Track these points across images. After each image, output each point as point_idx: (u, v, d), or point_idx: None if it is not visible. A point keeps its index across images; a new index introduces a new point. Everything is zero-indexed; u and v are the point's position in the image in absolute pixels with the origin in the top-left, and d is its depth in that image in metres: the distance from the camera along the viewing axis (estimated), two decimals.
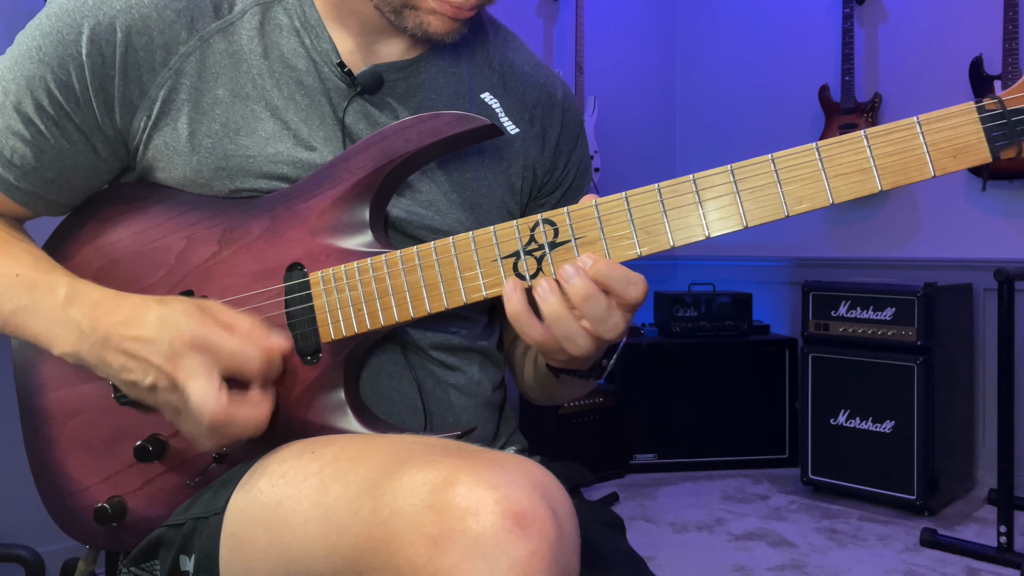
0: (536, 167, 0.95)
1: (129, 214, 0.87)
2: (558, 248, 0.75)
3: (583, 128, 1.03)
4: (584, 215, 0.74)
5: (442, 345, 0.89)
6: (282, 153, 0.83)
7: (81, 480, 0.87)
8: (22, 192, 0.86)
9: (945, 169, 0.68)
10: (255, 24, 0.84)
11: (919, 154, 0.68)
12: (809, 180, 0.70)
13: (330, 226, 0.81)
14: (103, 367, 0.78)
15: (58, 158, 0.84)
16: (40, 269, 0.83)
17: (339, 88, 0.85)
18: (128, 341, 0.75)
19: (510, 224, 0.76)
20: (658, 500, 3.06)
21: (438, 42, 0.86)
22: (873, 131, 0.69)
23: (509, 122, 0.93)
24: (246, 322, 0.77)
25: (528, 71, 0.97)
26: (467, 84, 0.92)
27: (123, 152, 0.86)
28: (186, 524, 0.79)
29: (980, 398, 3.15)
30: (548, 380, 0.93)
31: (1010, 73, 2.96)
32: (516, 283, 0.74)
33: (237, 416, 0.74)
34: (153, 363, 0.74)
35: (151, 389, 0.75)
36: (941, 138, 0.68)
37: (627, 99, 3.93)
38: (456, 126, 0.80)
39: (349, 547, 0.63)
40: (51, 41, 0.81)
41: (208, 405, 0.72)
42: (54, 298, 0.80)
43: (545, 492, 0.61)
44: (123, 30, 0.80)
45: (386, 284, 0.79)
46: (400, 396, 0.86)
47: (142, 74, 0.81)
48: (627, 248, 0.74)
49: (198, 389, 0.72)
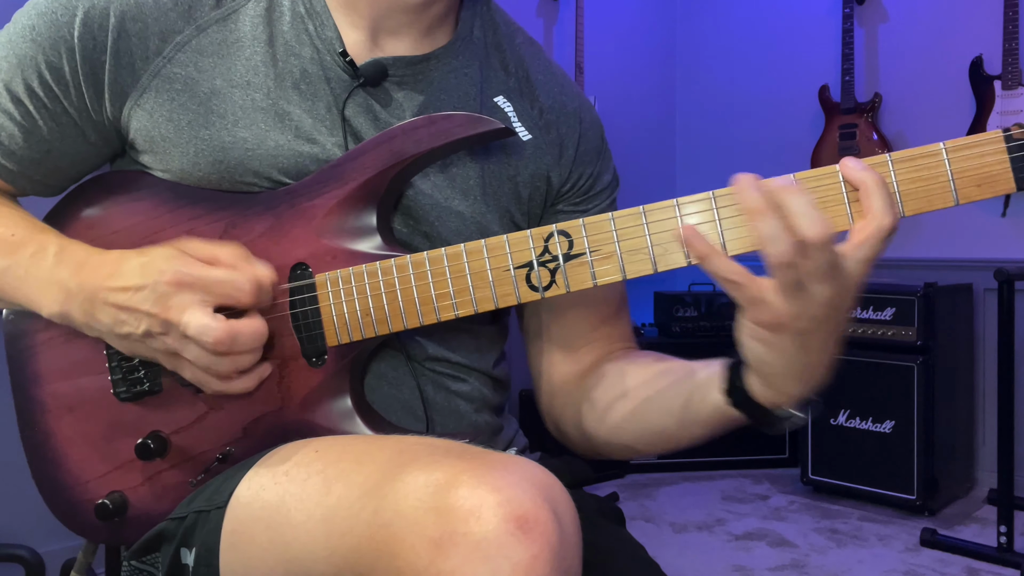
0: (551, 175, 0.91)
1: (126, 204, 0.85)
2: (572, 260, 0.74)
3: (606, 145, 0.98)
4: (600, 228, 0.73)
5: (443, 358, 0.87)
6: (283, 146, 0.81)
7: (80, 474, 0.86)
8: (8, 171, 0.85)
9: (969, 198, 0.67)
10: (260, 11, 0.82)
11: (943, 182, 0.67)
12: (832, 203, 0.68)
13: (336, 226, 0.80)
14: (95, 324, 0.78)
15: (45, 141, 0.83)
16: (32, 229, 0.83)
17: (341, 79, 0.83)
18: (114, 293, 0.75)
19: (524, 234, 0.75)
20: (658, 500, 3.06)
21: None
22: (898, 156, 0.67)
23: (522, 128, 0.89)
24: (227, 251, 0.76)
25: (545, 80, 0.93)
26: (479, 86, 0.88)
27: (115, 139, 0.85)
28: (188, 517, 0.78)
29: (980, 398, 3.15)
30: (684, 424, 0.82)
31: (1010, 73, 2.96)
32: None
33: (240, 329, 0.74)
34: (142, 310, 0.74)
35: (146, 337, 0.75)
36: (966, 166, 0.66)
37: (627, 99, 3.92)
38: (468, 128, 0.78)
39: (350, 548, 0.63)
40: (45, 21, 0.80)
41: (209, 330, 0.72)
42: (44, 258, 0.80)
43: (548, 495, 0.60)
44: (117, 15, 0.79)
45: (395, 289, 0.78)
46: (400, 403, 0.85)
47: (135, 61, 0.80)
48: (642, 264, 0.72)
49: (194, 320, 0.72)
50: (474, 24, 0.90)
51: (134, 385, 0.83)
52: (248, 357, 0.77)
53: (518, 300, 0.76)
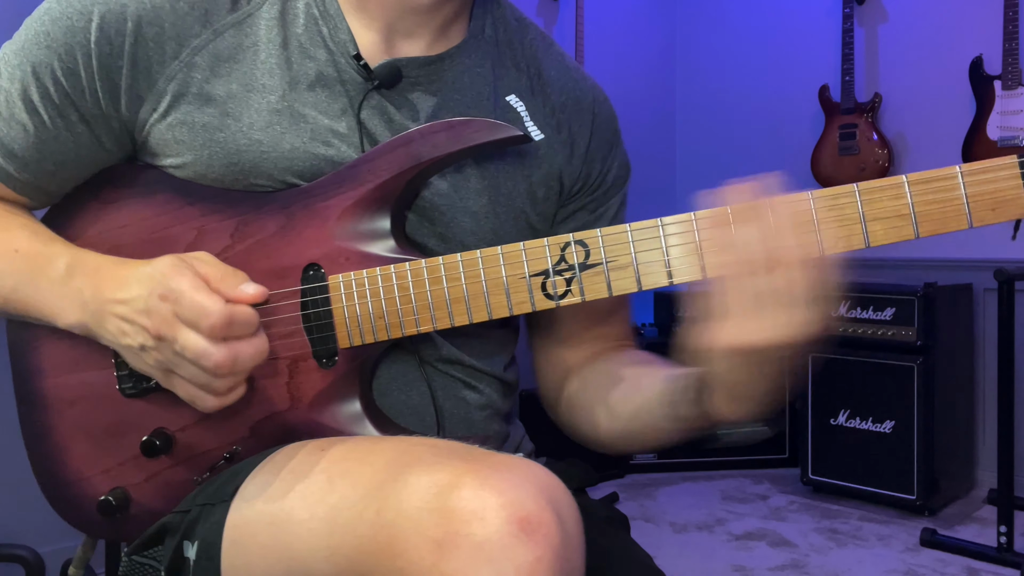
0: (563, 175, 0.91)
1: (135, 199, 0.85)
2: (588, 270, 0.74)
3: (619, 135, 0.98)
4: (617, 239, 0.73)
5: (456, 360, 0.87)
6: (298, 148, 0.80)
7: (82, 469, 0.86)
8: (22, 183, 0.85)
9: (983, 221, 0.68)
10: (275, 14, 0.82)
11: (958, 205, 0.68)
12: (849, 221, 0.69)
13: (350, 228, 0.79)
14: (104, 334, 0.77)
15: (60, 150, 0.83)
16: (39, 241, 0.82)
17: (356, 81, 0.82)
18: (117, 305, 0.75)
19: (540, 242, 0.75)
20: (658, 500, 3.06)
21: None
22: (914, 178, 0.69)
23: (534, 127, 0.89)
24: (217, 271, 0.74)
25: (558, 75, 0.93)
26: (492, 85, 0.88)
27: (128, 143, 0.84)
28: (192, 511, 0.78)
29: (980, 398, 3.15)
30: (666, 422, 0.85)
31: (1010, 73, 2.96)
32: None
33: (241, 350, 0.72)
34: (138, 322, 0.73)
35: (140, 351, 0.74)
36: (982, 191, 0.68)
37: (627, 99, 3.91)
38: (487, 134, 0.78)
39: (352, 548, 0.63)
40: (60, 27, 0.79)
41: (209, 355, 0.70)
42: (55, 270, 0.79)
43: (551, 497, 0.60)
44: (133, 20, 0.78)
45: (409, 294, 0.78)
46: (410, 407, 0.85)
47: (151, 65, 0.79)
48: (659, 275, 0.73)
49: (191, 343, 0.71)
50: (486, 22, 0.90)
51: (141, 381, 0.83)
52: (246, 373, 0.75)
53: (533, 308, 0.76)
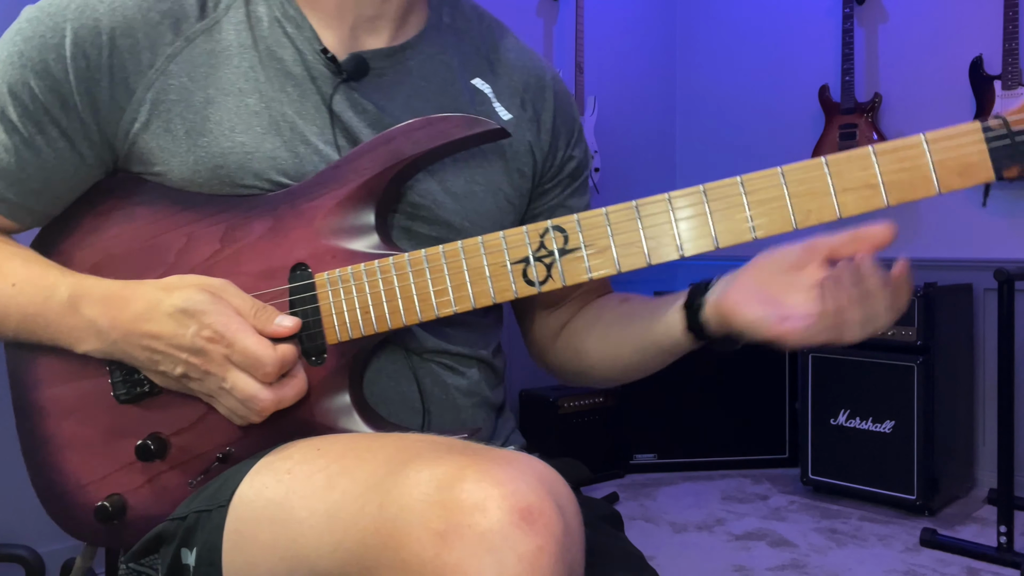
0: (534, 150, 0.95)
1: (126, 208, 0.86)
2: (568, 255, 0.75)
3: (575, 109, 1.03)
4: (594, 223, 0.75)
5: (442, 351, 0.89)
6: (279, 147, 0.82)
7: (79, 477, 0.86)
8: (8, 204, 0.85)
9: (950, 187, 0.69)
10: (241, 17, 0.84)
11: (925, 172, 0.69)
12: (820, 194, 0.71)
13: (336, 227, 0.81)
14: (132, 361, 0.80)
15: (43, 168, 0.83)
16: (34, 271, 0.82)
17: (325, 76, 0.84)
18: (148, 339, 0.77)
19: (520, 230, 0.77)
20: (658, 500, 3.06)
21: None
22: (881, 147, 0.70)
23: (501, 107, 0.93)
24: (246, 304, 0.78)
25: (515, 56, 0.97)
26: (457, 71, 0.92)
27: (109, 157, 0.85)
28: (188, 517, 0.78)
29: (980, 398, 3.15)
30: (647, 352, 0.92)
31: (1010, 73, 2.96)
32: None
33: (285, 395, 0.78)
34: (180, 357, 0.76)
35: (182, 378, 0.78)
36: (947, 157, 0.69)
37: (627, 99, 3.92)
38: (466, 129, 0.80)
39: (355, 542, 0.63)
40: (33, 46, 0.80)
41: (256, 401, 0.76)
42: (57, 302, 0.80)
43: (551, 488, 0.61)
44: (107, 32, 0.80)
45: (394, 287, 0.79)
46: (399, 396, 0.86)
47: (128, 75, 0.81)
48: (636, 257, 0.74)
49: (240, 385, 0.76)
50: (443, 12, 0.95)
51: (134, 387, 0.84)
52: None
53: (515, 295, 0.78)
